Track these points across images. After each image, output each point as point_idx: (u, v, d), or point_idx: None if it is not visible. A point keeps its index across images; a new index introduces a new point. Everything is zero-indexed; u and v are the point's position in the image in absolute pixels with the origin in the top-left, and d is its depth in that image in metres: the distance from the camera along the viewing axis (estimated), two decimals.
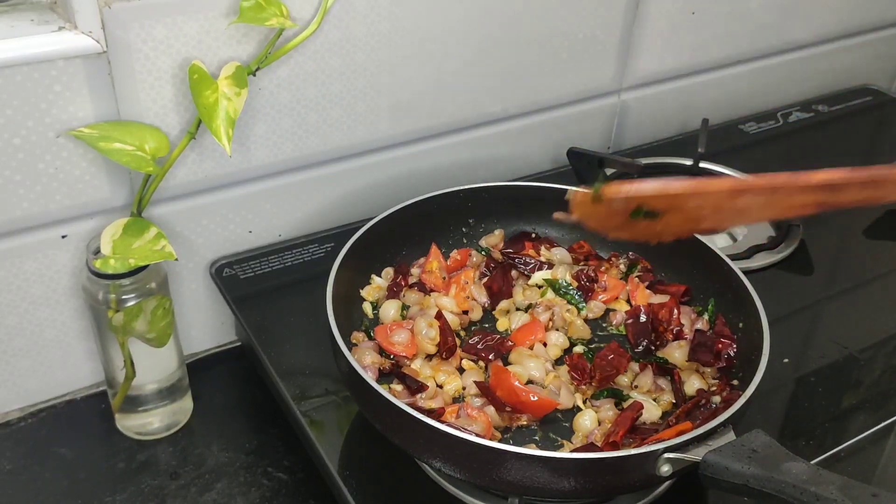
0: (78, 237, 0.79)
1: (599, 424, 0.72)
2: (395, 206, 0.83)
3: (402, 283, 0.83)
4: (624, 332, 0.82)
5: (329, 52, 0.84)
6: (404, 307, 0.82)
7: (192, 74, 0.74)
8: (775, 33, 1.20)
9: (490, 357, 0.77)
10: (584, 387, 0.76)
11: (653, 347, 0.80)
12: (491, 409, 0.71)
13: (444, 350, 0.76)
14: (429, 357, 0.77)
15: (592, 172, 1.06)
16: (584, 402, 0.75)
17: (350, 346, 0.76)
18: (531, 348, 0.78)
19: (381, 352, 0.77)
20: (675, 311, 0.81)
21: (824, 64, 1.31)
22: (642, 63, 1.10)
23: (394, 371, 0.75)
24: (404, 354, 0.76)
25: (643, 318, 0.81)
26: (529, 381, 0.75)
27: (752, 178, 0.67)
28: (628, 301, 0.85)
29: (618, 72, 1.08)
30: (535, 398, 0.71)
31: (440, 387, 0.75)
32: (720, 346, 0.76)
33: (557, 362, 0.78)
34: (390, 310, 0.81)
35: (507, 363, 0.77)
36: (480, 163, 1.03)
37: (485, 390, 0.72)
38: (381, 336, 0.77)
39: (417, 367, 0.76)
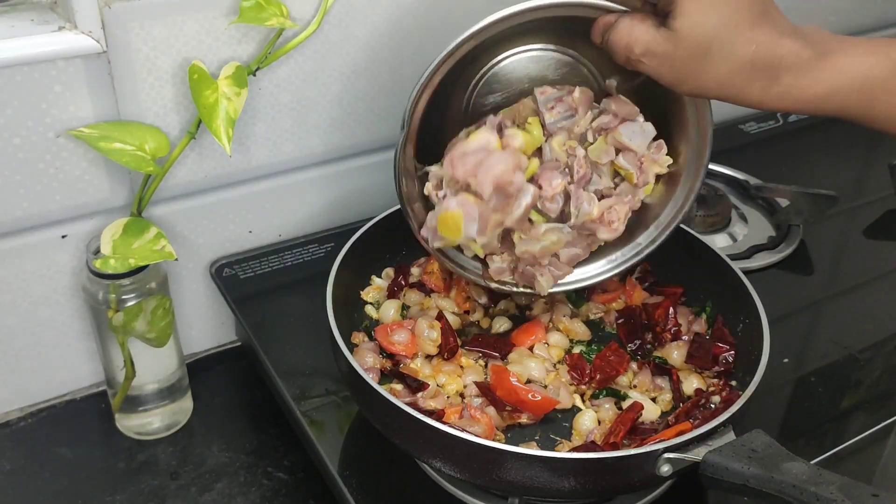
0: (78, 237, 0.79)
1: (599, 424, 0.72)
2: (395, 206, 0.83)
3: (403, 283, 0.83)
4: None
5: (329, 52, 0.84)
6: (404, 307, 0.82)
7: (192, 74, 0.74)
8: None
9: (494, 353, 0.77)
10: (583, 386, 0.76)
11: (649, 346, 0.80)
12: (492, 410, 0.71)
13: (446, 351, 0.76)
14: (429, 357, 0.77)
15: None
16: (584, 402, 0.75)
17: (350, 346, 0.76)
18: (531, 349, 0.78)
19: (382, 352, 0.77)
20: (672, 311, 0.81)
21: None
22: None
23: (393, 371, 0.75)
24: (404, 354, 0.76)
25: (633, 317, 0.81)
26: (529, 381, 0.75)
27: None
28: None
29: None
30: (539, 398, 0.71)
31: (440, 387, 0.74)
32: (718, 350, 0.76)
33: (557, 363, 0.78)
34: (390, 310, 0.81)
35: (507, 363, 0.77)
36: None
37: (484, 390, 0.72)
38: (382, 336, 0.77)
39: (417, 366, 0.76)
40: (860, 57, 0.63)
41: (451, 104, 0.74)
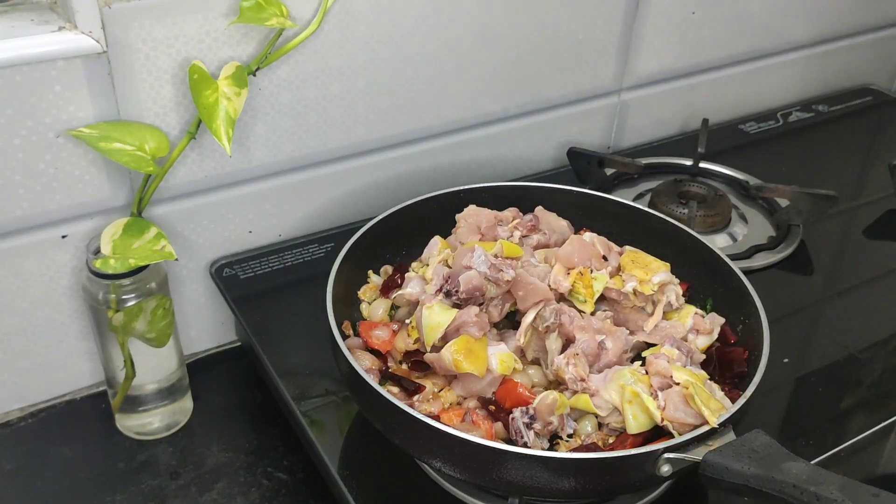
0: (78, 237, 0.79)
1: (601, 428, 0.71)
2: (395, 206, 0.83)
3: (398, 282, 0.83)
4: None
5: (329, 52, 0.84)
6: (393, 307, 0.81)
7: (192, 74, 0.74)
8: (775, 33, 1.20)
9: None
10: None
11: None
12: (499, 425, 0.69)
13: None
14: (424, 369, 0.75)
15: (592, 172, 1.06)
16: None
17: (344, 337, 0.75)
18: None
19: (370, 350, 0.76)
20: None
21: (824, 64, 1.31)
22: (642, 63, 1.10)
23: (387, 372, 0.74)
24: (380, 348, 0.75)
25: None
26: (534, 386, 0.74)
27: None
28: None
29: (618, 71, 1.08)
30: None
31: (437, 393, 0.74)
32: (736, 359, 0.75)
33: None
34: (379, 309, 0.80)
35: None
36: (480, 163, 1.03)
37: (485, 403, 0.71)
38: (364, 331, 0.77)
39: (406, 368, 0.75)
40: None
41: None
